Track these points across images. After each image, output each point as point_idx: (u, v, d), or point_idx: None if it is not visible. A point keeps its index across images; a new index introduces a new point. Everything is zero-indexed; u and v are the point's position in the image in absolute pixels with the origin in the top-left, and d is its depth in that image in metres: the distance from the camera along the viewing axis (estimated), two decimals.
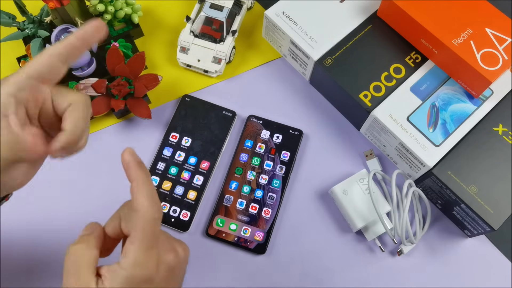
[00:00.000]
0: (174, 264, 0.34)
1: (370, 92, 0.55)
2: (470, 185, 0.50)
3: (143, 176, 0.31)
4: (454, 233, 0.55)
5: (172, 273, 0.34)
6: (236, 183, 0.56)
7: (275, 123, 0.60)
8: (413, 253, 0.54)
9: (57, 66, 0.33)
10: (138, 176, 0.31)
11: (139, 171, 0.32)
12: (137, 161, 0.32)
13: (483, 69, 0.51)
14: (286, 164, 0.57)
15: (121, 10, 0.61)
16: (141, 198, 0.31)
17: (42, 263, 0.53)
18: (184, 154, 0.58)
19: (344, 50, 0.57)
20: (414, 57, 0.57)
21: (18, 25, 0.59)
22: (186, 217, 0.55)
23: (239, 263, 0.53)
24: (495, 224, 0.49)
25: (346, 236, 0.55)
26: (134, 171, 0.32)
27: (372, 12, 0.59)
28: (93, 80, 0.57)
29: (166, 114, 0.61)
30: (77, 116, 0.33)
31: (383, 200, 0.53)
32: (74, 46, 0.33)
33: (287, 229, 0.55)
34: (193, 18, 0.63)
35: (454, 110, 0.54)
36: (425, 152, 0.52)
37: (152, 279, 0.32)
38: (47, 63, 0.33)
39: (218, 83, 0.63)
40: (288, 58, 0.63)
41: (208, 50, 0.61)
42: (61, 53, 0.33)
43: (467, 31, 0.53)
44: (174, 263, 0.34)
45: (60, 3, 0.56)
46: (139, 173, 0.32)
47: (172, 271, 0.34)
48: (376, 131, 0.56)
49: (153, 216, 0.31)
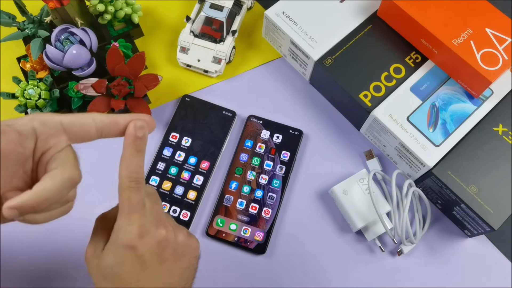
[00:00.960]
0: (165, 240, 0.34)
1: (370, 92, 0.55)
2: (470, 185, 0.50)
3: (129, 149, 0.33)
4: (454, 233, 0.55)
5: (163, 250, 0.34)
6: (236, 183, 0.56)
7: (275, 123, 0.60)
8: (413, 253, 0.54)
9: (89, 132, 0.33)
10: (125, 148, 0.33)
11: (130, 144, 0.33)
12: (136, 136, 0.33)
13: (483, 69, 0.51)
14: (286, 164, 0.57)
15: (121, 10, 0.61)
16: (120, 168, 0.33)
17: (42, 263, 0.53)
18: (184, 154, 0.58)
19: (344, 50, 0.57)
20: (414, 57, 0.57)
21: (18, 25, 0.59)
22: (186, 217, 0.55)
23: (239, 263, 0.53)
24: (495, 224, 0.49)
25: (346, 236, 0.55)
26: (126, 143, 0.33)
27: (372, 12, 0.59)
28: (93, 80, 0.57)
29: (166, 114, 0.61)
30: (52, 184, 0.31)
31: (383, 200, 0.53)
32: (116, 130, 0.34)
33: (287, 229, 0.55)
34: (193, 18, 0.63)
35: (454, 110, 0.54)
36: (425, 152, 0.52)
37: (134, 246, 0.33)
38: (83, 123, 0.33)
39: (218, 83, 0.63)
40: (288, 58, 0.63)
41: (208, 50, 0.61)
42: (102, 122, 0.33)
43: (467, 31, 0.53)
44: (164, 239, 0.34)
45: (60, 3, 0.55)
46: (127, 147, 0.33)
47: (163, 248, 0.34)
48: (376, 131, 0.56)
49: (127, 184, 0.32)
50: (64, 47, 0.56)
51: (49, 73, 0.60)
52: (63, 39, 0.57)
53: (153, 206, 0.35)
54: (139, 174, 0.33)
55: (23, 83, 0.57)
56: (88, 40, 0.58)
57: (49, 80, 0.57)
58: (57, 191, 0.31)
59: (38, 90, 0.57)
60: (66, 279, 0.52)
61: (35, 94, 0.56)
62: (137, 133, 0.33)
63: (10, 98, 0.57)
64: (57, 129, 0.32)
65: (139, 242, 0.33)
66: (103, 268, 0.33)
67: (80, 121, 0.33)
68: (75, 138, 0.33)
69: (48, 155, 0.32)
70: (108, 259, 0.33)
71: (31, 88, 0.56)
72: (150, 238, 0.33)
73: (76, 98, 0.58)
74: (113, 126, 0.33)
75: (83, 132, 0.33)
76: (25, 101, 0.56)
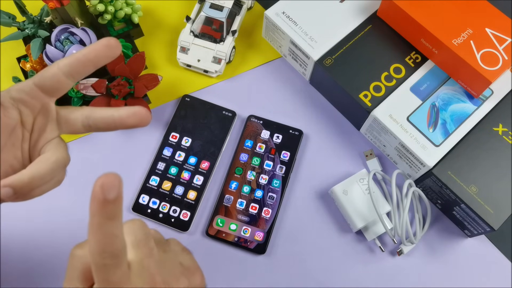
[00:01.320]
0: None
1: (370, 92, 0.55)
2: (470, 185, 0.50)
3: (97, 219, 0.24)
4: (454, 233, 0.55)
5: None
6: (236, 183, 0.56)
7: (275, 123, 0.60)
8: (413, 253, 0.54)
9: (59, 79, 0.33)
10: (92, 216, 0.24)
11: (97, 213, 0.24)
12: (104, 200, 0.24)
13: (483, 69, 0.51)
14: (286, 164, 0.57)
15: (121, 10, 0.61)
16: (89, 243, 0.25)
17: (41, 263, 0.53)
18: (184, 154, 0.58)
19: (344, 50, 0.57)
20: (414, 57, 0.57)
21: (18, 25, 0.59)
22: (186, 217, 0.55)
23: (239, 263, 0.53)
24: (495, 224, 0.49)
25: (346, 236, 0.55)
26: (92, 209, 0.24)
27: (372, 12, 0.59)
28: (93, 80, 0.57)
29: (166, 114, 0.61)
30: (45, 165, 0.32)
31: (383, 200, 0.53)
32: (79, 62, 0.33)
33: (287, 229, 0.55)
34: (193, 18, 0.63)
35: (454, 110, 0.54)
36: (425, 152, 0.52)
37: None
38: (51, 74, 0.33)
39: (218, 83, 0.63)
40: (288, 58, 0.63)
41: (208, 50, 0.61)
42: (65, 65, 0.33)
43: (467, 31, 0.53)
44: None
45: (60, 3, 0.55)
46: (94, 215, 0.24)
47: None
48: (376, 131, 0.56)
49: (102, 262, 0.25)
50: (64, 47, 0.56)
51: None
52: (63, 39, 0.57)
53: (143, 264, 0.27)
54: (117, 245, 0.25)
55: None
56: (88, 40, 0.58)
57: None
58: (50, 172, 0.32)
59: None
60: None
61: None
62: (107, 195, 0.23)
63: None
64: (32, 89, 0.33)
65: None
66: None
67: (48, 73, 0.33)
68: (52, 92, 0.34)
69: (41, 141, 0.34)
70: None
71: None
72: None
73: (76, 98, 0.58)
74: (78, 63, 0.33)
75: (55, 82, 0.33)
76: None
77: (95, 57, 0.33)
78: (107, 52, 0.33)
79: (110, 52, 0.33)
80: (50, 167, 0.33)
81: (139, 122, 0.34)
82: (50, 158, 0.33)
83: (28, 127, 0.34)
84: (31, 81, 0.33)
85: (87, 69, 0.33)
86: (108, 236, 0.24)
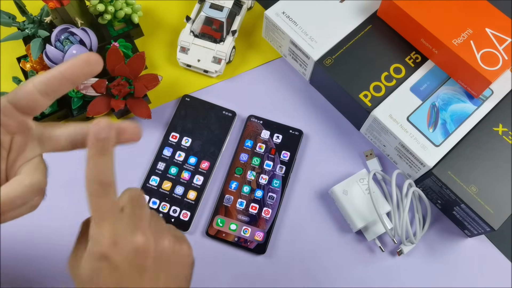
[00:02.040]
0: (142, 247, 0.30)
1: (370, 92, 0.55)
2: (470, 185, 0.50)
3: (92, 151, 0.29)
4: (454, 233, 0.55)
5: (143, 259, 0.31)
6: (236, 183, 0.56)
7: (275, 123, 0.60)
8: (413, 253, 0.54)
9: (34, 97, 0.31)
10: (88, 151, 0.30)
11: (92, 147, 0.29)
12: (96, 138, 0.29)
13: (483, 69, 0.51)
14: (286, 164, 0.57)
15: (121, 10, 0.61)
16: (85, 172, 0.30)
17: (42, 263, 0.53)
18: (184, 154, 0.58)
19: (344, 50, 0.57)
20: (414, 57, 0.57)
21: (18, 25, 0.59)
22: (186, 217, 0.55)
23: (239, 263, 0.53)
24: (495, 224, 0.49)
25: (346, 236, 0.55)
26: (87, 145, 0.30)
27: (372, 12, 0.59)
28: (93, 80, 0.57)
29: (166, 114, 0.61)
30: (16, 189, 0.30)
31: (383, 200, 0.53)
32: (55, 79, 0.31)
33: (287, 229, 0.55)
34: (193, 18, 0.63)
35: (454, 110, 0.54)
36: (425, 152, 0.52)
37: (107, 255, 0.30)
38: (25, 92, 0.30)
39: (218, 83, 0.63)
40: (288, 58, 0.63)
41: (208, 50, 0.61)
42: (40, 83, 0.31)
43: (467, 31, 0.53)
44: (141, 246, 0.30)
45: (60, 3, 0.56)
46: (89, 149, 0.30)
47: (142, 256, 0.31)
48: (376, 131, 0.56)
49: (92, 188, 0.30)
50: (64, 47, 0.56)
51: None
52: (63, 39, 0.57)
53: (134, 211, 0.32)
54: (105, 177, 0.30)
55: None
56: (88, 40, 0.58)
57: None
58: (22, 196, 0.30)
59: None
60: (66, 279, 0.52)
61: None
62: (100, 133, 0.29)
63: None
64: (6, 107, 0.30)
65: (112, 251, 0.30)
66: (82, 279, 0.31)
67: (22, 91, 0.30)
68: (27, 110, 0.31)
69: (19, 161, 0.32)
70: (85, 270, 0.31)
71: None
72: (125, 246, 0.30)
73: (76, 98, 0.58)
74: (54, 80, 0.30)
75: (30, 101, 0.31)
76: None
77: (72, 74, 0.31)
78: (85, 68, 0.31)
79: (89, 69, 0.31)
80: (22, 190, 0.30)
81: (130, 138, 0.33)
82: (23, 181, 0.31)
83: (5, 145, 0.32)
84: (5, 98, 0.31)
85: (64, 87, 0.31)
86: (98, 167, 0.29)
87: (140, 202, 0.32)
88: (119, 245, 0.30)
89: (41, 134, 0.33)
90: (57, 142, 0.33)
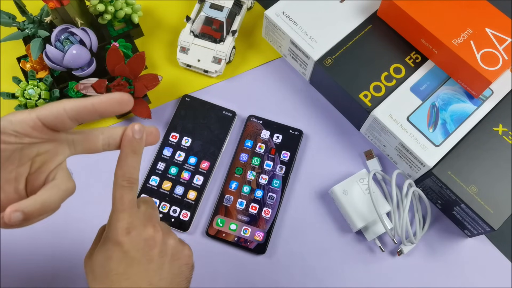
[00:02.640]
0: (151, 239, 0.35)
1: (370, 92, 0.55)
2: (470, 185, 0.50)
3: (125, 150, 0.34)
4: (454, 233, 0.55)
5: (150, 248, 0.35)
6: (236, 183, 0.56)
7: (275, 123, 0.60)
8: (413, 253, 0.54)
9: (64, 121, 0.32)
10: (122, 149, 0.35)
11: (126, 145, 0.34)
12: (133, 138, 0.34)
13: (483, 69, 0.51)
14: (286, 164, 0.57)
15: (121, 10, 0.61)
16: (116, 167, 0.34)
17: (41, 263, 0.53)
18: (184, 154, 0.58)
19: (344, 50, 0.57)
20: (414, 57, 0.57)
21: (18, 25, 0.59)
22: (186, 217, 0.55)
23: (239, 263, 0.53)
24: (495, 224, 0.49)
25: (346, 236, 0.55)
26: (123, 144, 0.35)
27: (372, 12, 0.59)
28: (93, 80, 0.57)
29: (166, 114, 0.61)
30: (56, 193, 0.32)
31: (383, 200, 0.53)
32: (87, 111, 0.33)
33: (287, 229, 0.55)
34: (193, 18, 0.63)
35: (454, 110, 0.54)
36: (425, 152, 0.52)
37: (120, 241, 0.34)
38: (56, 114, 0.32)
39: (218, 83, 0.63)
40: (288, 58, 0.63)
41: (208, 50, 0.61)
42: (72, 110, 0.32)
43: (467, 31, 0.53)
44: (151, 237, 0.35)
45: (60, 3, 0.55)
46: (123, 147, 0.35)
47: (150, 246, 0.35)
48: (376, 131, 0.56)
49: (120, 183, 0.34)
50: (64, 47, 0.56)
51: (49, 73, 0.60)
52: (63, 39, 0.57)
53: (147, 210, 0.36)
54: (132, 174, 0.34)
55: (23, 83, 0.57)
56: (88, 40, 0.58)
57: (49, 80, 0.57)
58: (59, 201, 0.32)
59: (38, 90, 0.57)
60: (66, 279, 0.52)
61: (35, 94, 0.56)
62: (135, 135, 0.34)
63: (10, 98, 0.57)
64: (36, 124, 0.32)
65: (125, 238, 0.34)
66: (94, 267, 0.34)
67: (53, 112, 0.32)
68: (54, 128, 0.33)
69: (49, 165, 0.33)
70: (98, 256, 0.34)
71: (31, 88, 0.56)
72: (137, 235, 0.34)
73: (76, 98, 0.58)
74: (85, 111, 0.32)
75: (59, 123, 0.32)
76: (25, 101, 0.56)
77: (103, 110, 0.33)
78: (116, 108, 0.33)
79: (120, 108, 0.34)
80: (61, 195, 0.33)
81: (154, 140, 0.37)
82: (61, 186, 0.33)
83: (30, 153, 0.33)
84: (34, 114, 0.31)
85: (93, 118, 0.33)
86: (129, 164, 0.34)
87: (153, 205, 0.38)
88: (131, 234, 0.34)
89: (72, 138, 0.34)
90: (94, 144, 0.35)
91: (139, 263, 0.34)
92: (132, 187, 0.34)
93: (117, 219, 0.34)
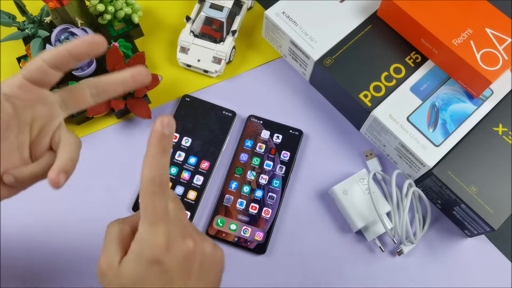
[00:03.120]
0: (192, 253, 0.32)
1: (370, 92, 0.55)
2: (470, 185, 0.50)
3: (154, 149, 0.29)
4: (454, 233, 0.55)
5: (190, 264, 0.32)
6: (236, 183, 0.56)
7: (275, 123, 0.60)
8: (413, 253, 0.54)
9: (46, 70, 0.33)
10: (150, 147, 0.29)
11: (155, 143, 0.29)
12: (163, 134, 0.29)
13: (483, 69, 0.51)
14: (286, 164, 0.57)
15: (121, 10, 0.61)
16: (143, 169, 0.30)
17: (41, 263, 0.53)
18: (184, 154, 0.58)
19: (344, 50, 0.57)
20: (414, 57, 0.57)
21: (18, 25, 0.59)
22: None
23: (239, 263, 0.53)
24: (495, 224, 0.49)
25: (346, 236, 0.55)
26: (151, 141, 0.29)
27: (372, 12, 0.59)
28: None
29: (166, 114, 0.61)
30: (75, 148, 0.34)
31: (383, 200, 0.53)
32: (62, 55, 0.33)
33: (287, 229, 0.55)
34: (193, 18, 0.63)
35: (454, 110, 0.54)
36: (425, 152, 0.52)
37: (160, 260, 0.30)
38: (37, 66, 0.33)
39: (218, 83, 0.63)
40: (288, 58, 0.63)
41: (208, 50, 0.61)
42: (49, 58, 0.33)
43: (467, 31, 0.54)
44: (192, 252, 0.32)
45: (60, 3, 0.56)
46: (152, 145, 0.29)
47: (191, 262, 0.32)
48: (376, 131, 0.56)
49: (151, 188, 0.29)
50: None
51: None
52: (63, 39, 0.57)
53: (177, 213, 0.33)
54: (163, 177, 0.30)
55: None
56: None
57: None
58: (79, 154, 0.34)
59: None
60: (66, 279, 0.52)
61: None
62: (164, 130, 0.29)
63: None
64: (22, 83, 0.33)
65: (165, 256, 0.30)
66: (122, 283, 0.31)
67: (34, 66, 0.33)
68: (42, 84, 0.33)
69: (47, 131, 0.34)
70: (128, 273, 0.31)
71: None
72: (177, 251, 0.31)
73: None
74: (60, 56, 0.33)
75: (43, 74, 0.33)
76: None
77: (77, 53, 0.33)
78: (89, 49, 0.33)
79: (93, 49, 0.33)
80: (79, 149, 0.34)
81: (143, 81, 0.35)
82: (72, 141, 0.34)
83: (26, 119, 0.33)
84: (19, 75, 0.33)
85: (70, 63, 0.33)
86: (160, 165, 0.29)
87: (179, 202, 0.34)
88: (172, 250, 0.31)
89: (61, 99, 0.35)
90: (83, 98, 0.35)
91: (180, 280, 0.31)
92: (164, 192, 0.30)
93: (154, 232, 0.30)
